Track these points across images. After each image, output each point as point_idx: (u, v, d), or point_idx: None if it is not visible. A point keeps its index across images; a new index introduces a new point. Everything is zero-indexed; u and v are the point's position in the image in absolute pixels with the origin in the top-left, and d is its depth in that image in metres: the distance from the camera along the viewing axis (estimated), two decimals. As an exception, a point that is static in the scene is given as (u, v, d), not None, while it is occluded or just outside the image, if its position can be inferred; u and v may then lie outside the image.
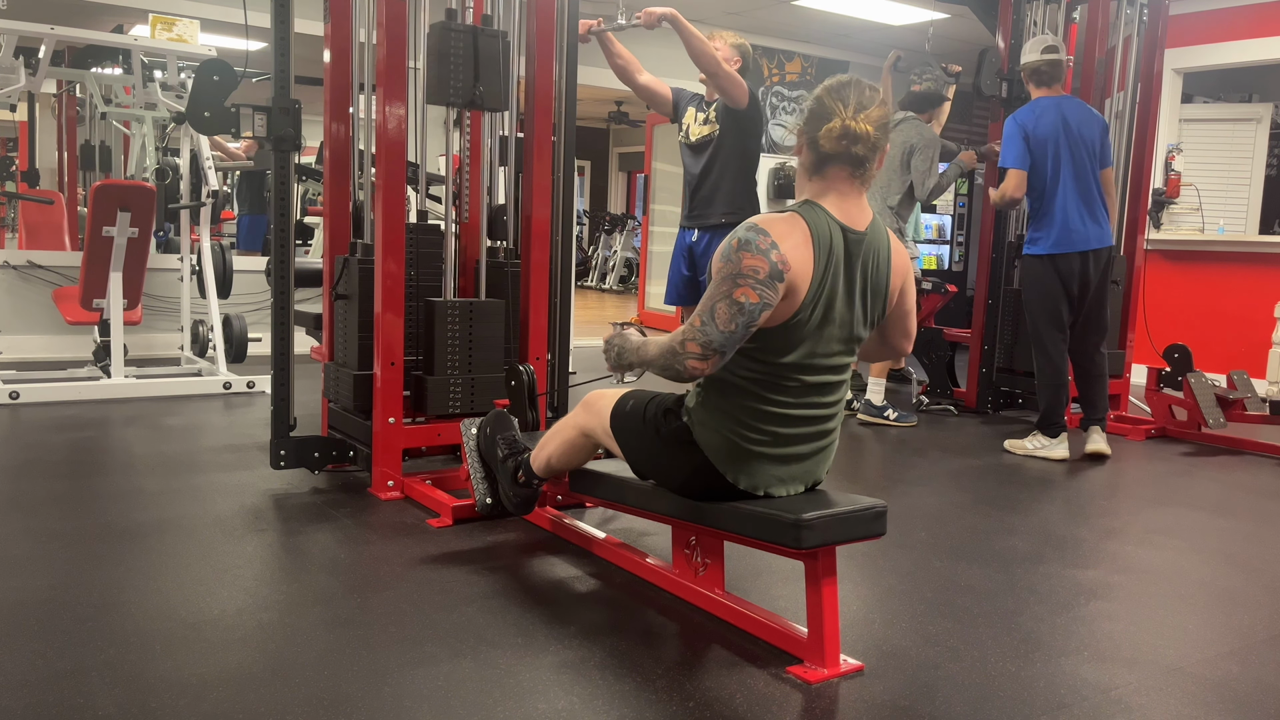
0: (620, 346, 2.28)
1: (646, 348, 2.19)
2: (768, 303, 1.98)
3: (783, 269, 1.98)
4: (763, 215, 2.07)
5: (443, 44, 3.21)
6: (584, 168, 15.86)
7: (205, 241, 5.37)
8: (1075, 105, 4.41)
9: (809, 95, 2.14)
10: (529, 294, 3.55)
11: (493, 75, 3.28)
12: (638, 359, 2.22)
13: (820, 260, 2.03)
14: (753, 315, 1.98)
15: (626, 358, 2.26)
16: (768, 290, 1.97)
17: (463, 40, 3.23)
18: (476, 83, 3.24)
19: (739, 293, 1.97)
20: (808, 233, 2.03)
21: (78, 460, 3.72)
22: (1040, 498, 3.75)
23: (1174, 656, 2.29)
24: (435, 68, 3.22)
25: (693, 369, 2.03)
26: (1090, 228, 4.29)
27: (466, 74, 3.24)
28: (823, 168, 2.09)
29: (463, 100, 3.27)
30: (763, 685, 2.04)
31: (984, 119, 8.04)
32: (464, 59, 3.23)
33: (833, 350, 2.12)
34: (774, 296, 1.98)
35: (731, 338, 2.00)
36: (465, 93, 3.26)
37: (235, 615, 2.30)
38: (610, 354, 2.31)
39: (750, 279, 1.96)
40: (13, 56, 4.98)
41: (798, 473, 2.19)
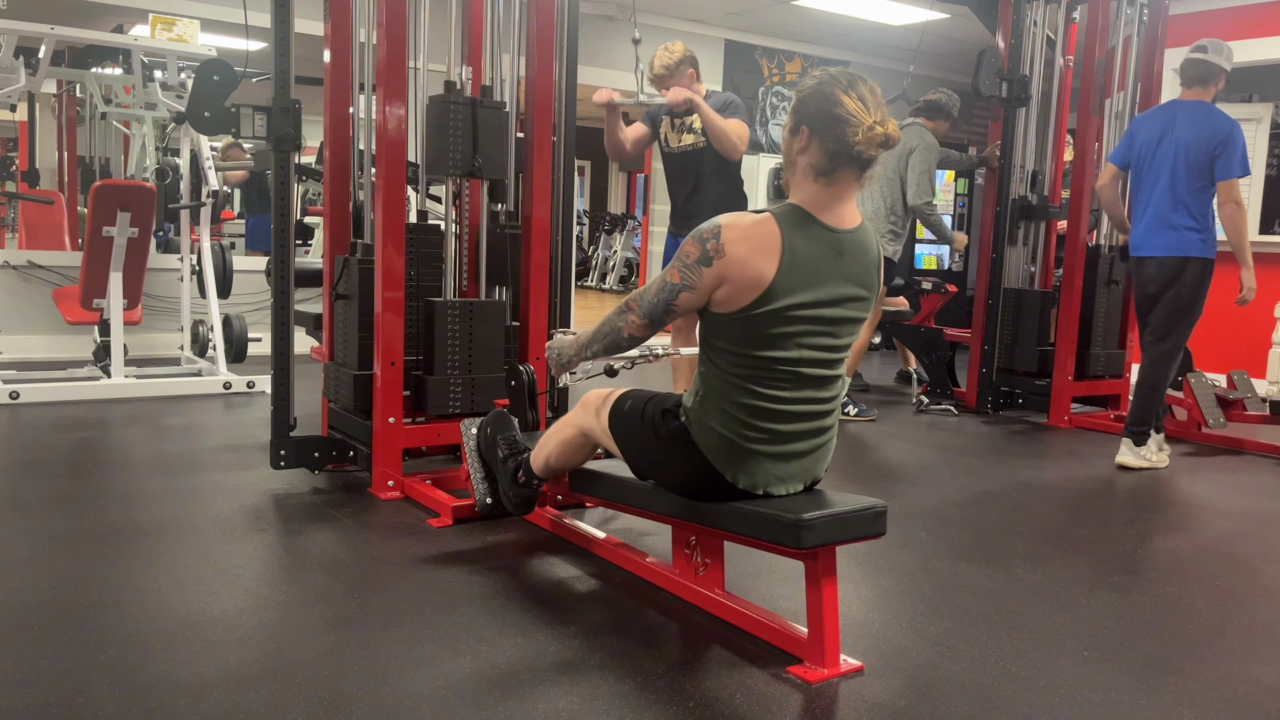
0: (558, 349, 2.45)
1: (581, 335, 2.37)
2: (688, 285, 2.08)
3: (712, 255, 2.04)
4: (734, 213, 2.11)
5: (441, 117, 3.24)
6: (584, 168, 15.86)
7: (205, 241, 5.37)
8: (1191, 111, 4.16)
9: (803, 90, 2.11)
10: (529, 294, 3.55)
11: (492, 146, 3.33)
12: (575, 349, 2.39)
13: (788, 254, 2.04)
14: (673, 293, 2.12)
15: (566, 354, 2.42)
16: (690, 274, 2.08)
17: (462, 114, 3.26)
18: (475, 154, 3.28)
19: (670, 273, 2.12)
20: (777, 234, 2.04)
21: (78, 460, 3.72)
22: (1040, 498, 3.75)
23: (1174, 656, 2.29)
24: (434, 140, 3.25)
25: (632, 323, 2.21)
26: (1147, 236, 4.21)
27: (465, 146, 3.28)
28: (834, 171, 2.07)
29: (461, 172, 3.31)
30: (763, 685, 2.04)
31: (984, 119, 8.05)
32: (463, 131, 3.27)
33: (824, 344, 2.13)
34: (695, 280, 2.07)
35: (653, 309, 2.17)
36: (464, 164, 3.30)
37: (235, 615, 2.30)
38: (551, 359, 2.47)
39: (681, 262, 2.10)
40: (13, 56, 4.98)
41: (796, 470, 2.19)
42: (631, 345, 2.29)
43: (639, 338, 2.25)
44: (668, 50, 4.09)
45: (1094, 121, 5.23)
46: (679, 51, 4.08)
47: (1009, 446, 4.69)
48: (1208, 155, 4.08)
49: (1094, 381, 5.35)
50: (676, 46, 4.10)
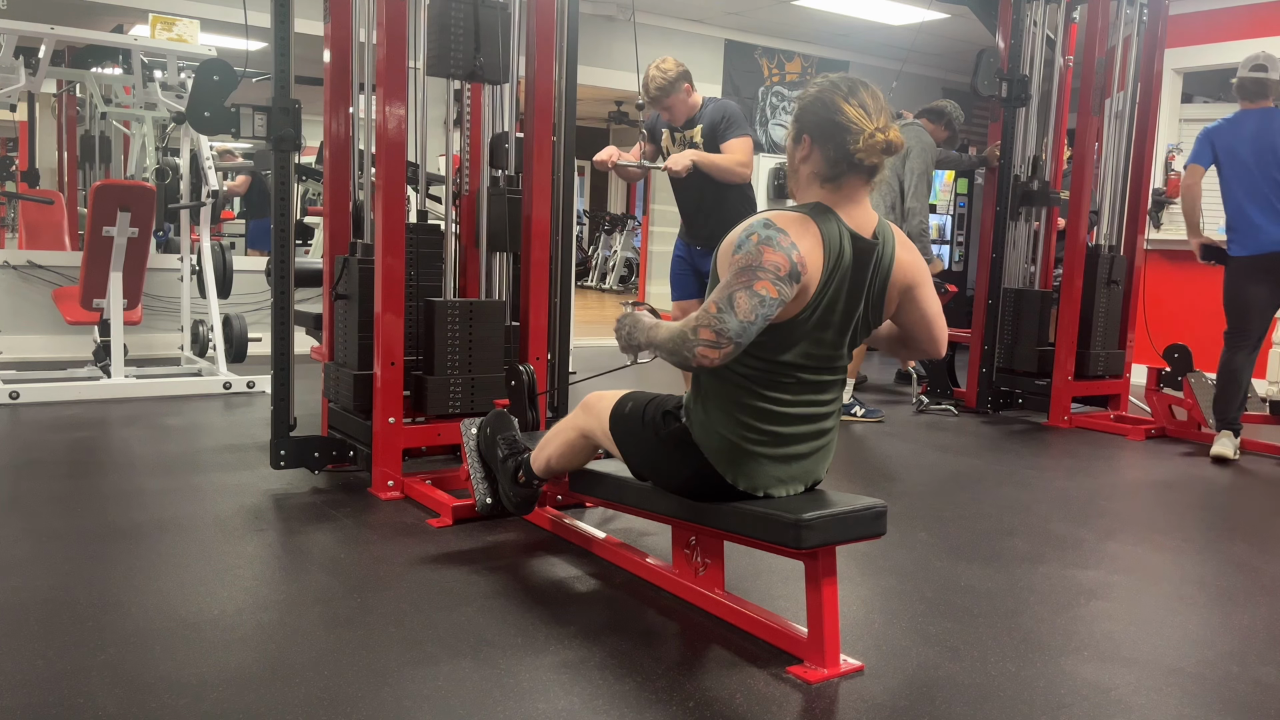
0: (631, 327, 2.22)
1: (657, 330, 2.13)
2: (784, 300, 1.96)
3: (801, 270, 1.97)
4: (776, 212, 2.05)
5: (443, 15, 3.21)
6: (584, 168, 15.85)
7: (205, 241, 5.37)
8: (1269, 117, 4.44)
9: (804, 97, 2.09)
10: (529, 294, 3.55)
11: (493, 47, 3.28)
12: (647, 340, 2.16)
13: (828, 265, 2.02)
14: (771, 310, 1.95)
15: (636, 338, 2.20)
16: (786, 288, 1.95)
17: (464, 12, 3.23)
18: (477, 54, 3.25)
19: (760, 285, 1.93)
20: (819, 237, 2.02)
21: (78, 460, 3.72)
22: (1040, 498, 3.75)
23: (1174, 656, 2.29)
24: (436, 39, 3.22)
25: (702, 356, 1.96)
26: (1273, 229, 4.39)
27: (467, 46, 3.24)
28: (839, 178, 2.05)
29: (463, 72, 3.28)
30: (763, 685, 2.04)
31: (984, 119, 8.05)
32: (465, 31, 3.23)
33: (830, 350, 2.12)
34: (790, 295, 1.97)
35: (749, 329, 1.95)
36: (466, 64, 3.26)
37: (235, 615, 2.30)
38: (621, 334, 2.25)
39: (771, 274, 1.93)
40: (13, 56, 4.98)
41: (797, 473, 2.19)
42: (700, 370, 2.07)
43: (713, 366, 1.99)
44: (660, 70, 4.01)
45: (1094, 121, 5.23)
46: (672, 69, 4.02)
47: (1009, 446, 4.69)
48: None
49: (1094, 381, 5.34)
50: (669, 63, 4.04)
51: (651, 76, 4.03)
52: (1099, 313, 5.29)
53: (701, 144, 4.12)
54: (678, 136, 4.20)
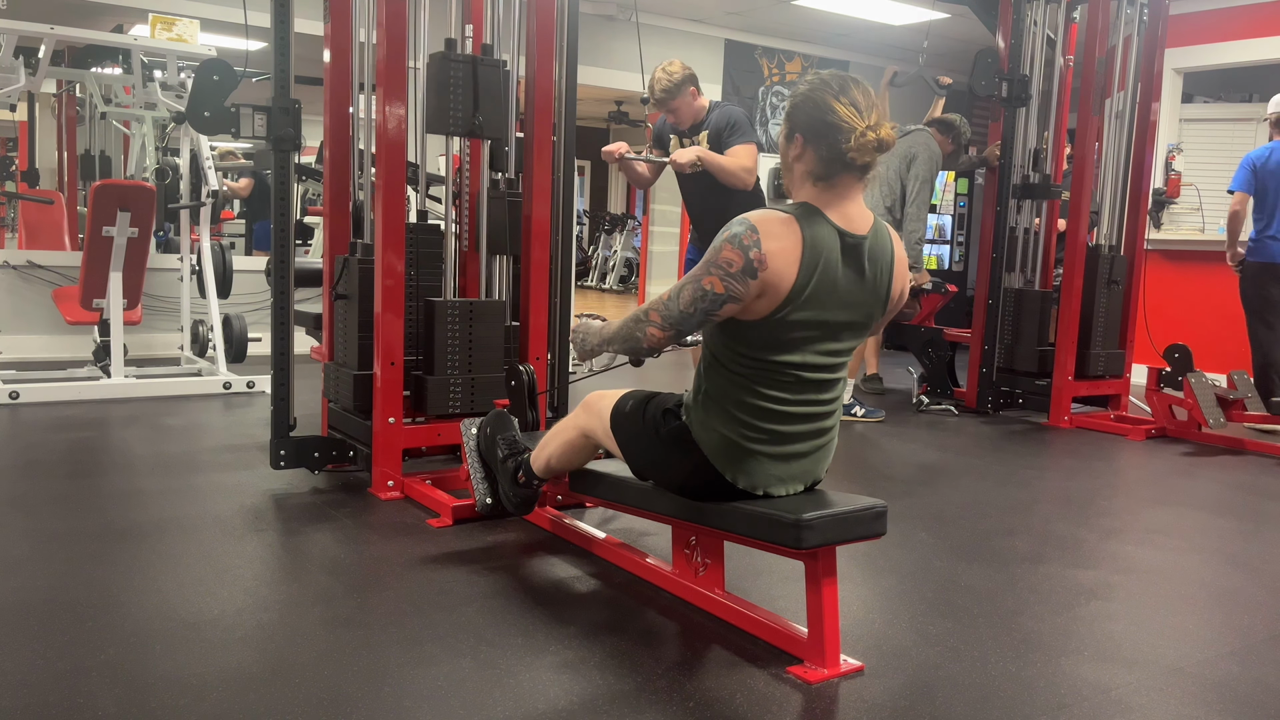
0: (584, 334, 2.40)
1: (608, 327, 2.31)
2: (733, 295, 2.01)
3: (758, 267, 1.99)
4: (763, 211, 2.06)
5: (442, 74, 3.23)
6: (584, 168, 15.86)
7: (205, 241, 5.37)
8: None
9: (795, 96, 2.09)
10: (529, 294, 3.55)
11: (492, 105, 3.30)
12: (599, 339, 2.34)
13: (809, 264, 2.02)
14: (715, 304, 2.03)
15: (590, 342, 2.38)
16: (735, 284, 2.00)
17: (462, 70, 3.25)
18: (476, 112, 3.26)
19: (707, 280, 2.02)
20: (800, 236, 2.02)
21: (78, 460, 3.72)
22: (1040, 498, 3.75)
23: (1174, 656, 2.29)
24: (434, 98, 3.24)
25: (651, 336, 2.14)
26: None
27: (466, 104, 3.26)
28: (832, 176, 2.05)
29: (462, 130, 3.30)
30: (763, 685, 2.04)
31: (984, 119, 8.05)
32: (463, 89, 3.25)
33: (829, 349, 2.12)
34: (741, 291, 2.00)
35: (687, 319, 2.08)
36: (464, 122, 3.28)
37: (235, 615, 2.30)
38: (575, 342, 2.43)
39: (722, 270, 2.01)
40: (13, 56, 4.98)
41: (797, 471, 2.19)
42: (650, 354, 2.24)
43: (659, 349, 2.19)
44: (666, 72, 4.04)
45: (1094, 121, 5.23)
46: (678, 72, 4.04)
47: (1009, 446, 4.69)
48: None
49: (1094, 381, 5.35)
50: (675, 66, 4.06)
51: (657, 79, 4.04)
52: (1099, 313, 5.30)
53: (707, 148, 4.12)
54: (685, 143, 4.21)
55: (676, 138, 4.25)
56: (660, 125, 4.32)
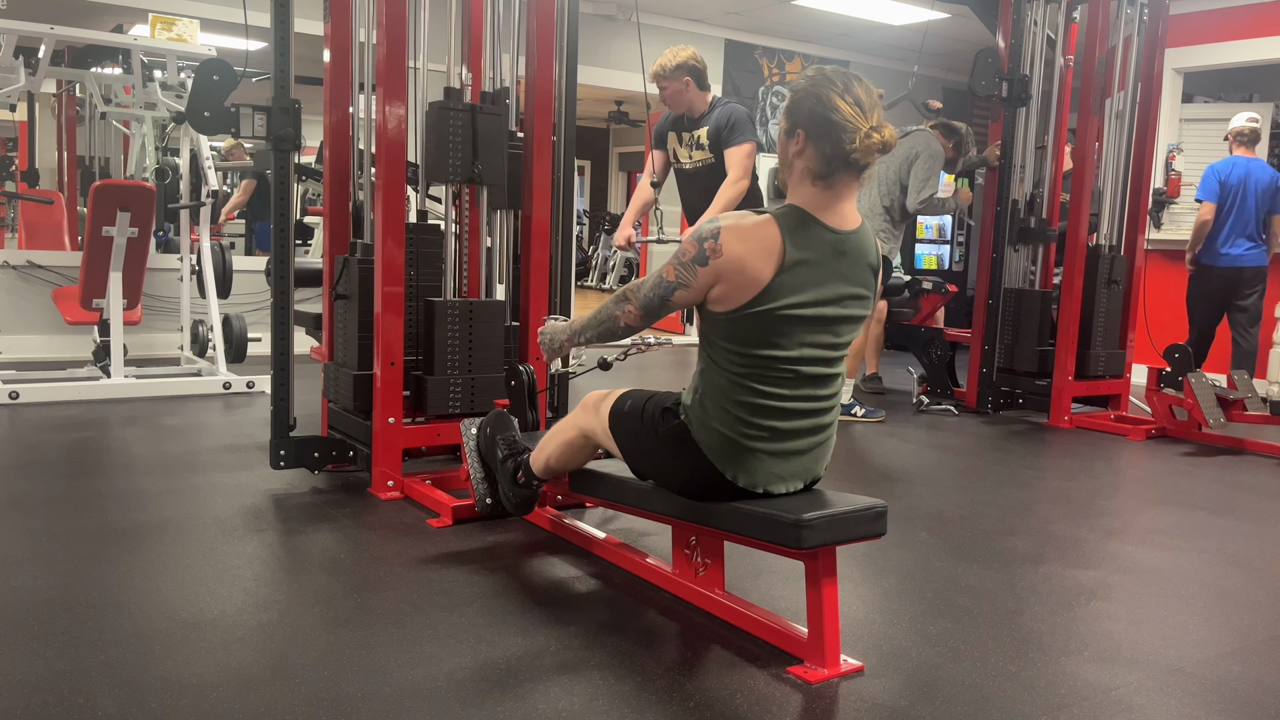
0: (550, 334, 2.47)
1: (575, 323, 2.38)
2: (682, 283, 2.09)
3: (709, 255, 2.04)
4: (735, 213, 2.10)
5: (441, 124, 3.23)
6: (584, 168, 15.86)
7: (205, 241, 5.37)
8: (1258, 165, 5.75)
9: (796, 90, 2.08)
10: (529, 294, 3.55)
11: (491, 153, 3.32)
12: (569, 337, 2.40)
13: (791, 260, 2.03)
14: (668, 290, 2.13)
15: (558, 340, 2.44)
16: (685, 272, 2.08)
17: (461, 120, 3.26)
18: (475, 161, 3.27)
19: (667, 270, 2.13)
20: (774, 229, 2.03)
21: (78, 460, 3.72)
22: (1040, 498, 3.75)
23: (1174, 656, 2.29)
24: (433, 148, 3.25)
25: (629, 313, 2.23)
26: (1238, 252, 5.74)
27: (465, 153, 3.28)
28: (831, 175, 2.05)
29: (461, 178, 3.31)
30: (763, 685, 2.04)
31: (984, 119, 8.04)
32: (463, 139, 3.26)
33: (822, 343, 2.12)
34: (690, 279, 2.07)
35: (650, 303, 2.18)
36: (464, 171, 3.29)
37: (235, 615, 2.30)
38: (544, 345, 2.50)
39: (678, 259, 2.10)
40: (13, 56, 4.98)
41: (796, 469, 2.19)
42: (627, 334, 2.30)
43: (635, 328, 2.26)
44: (673, 54, 4.12)
45: (1094, 121, 5.23)
46: (682, 57, 4.08)
47: (1009, 446, 4.69)
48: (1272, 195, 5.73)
49: (1094, 381, 5.35)
50: (684, 52, 4.10)
51: (663, 55, 4.11)
52: (1099, 313, 5.30)
53: (707, 145, 4.13)
54: (685, 137, 4.21)
55: (675, 135, 4.25)
56: (660, 123, 4.32)
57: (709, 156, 4.15)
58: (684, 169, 4.25)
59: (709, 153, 4.13)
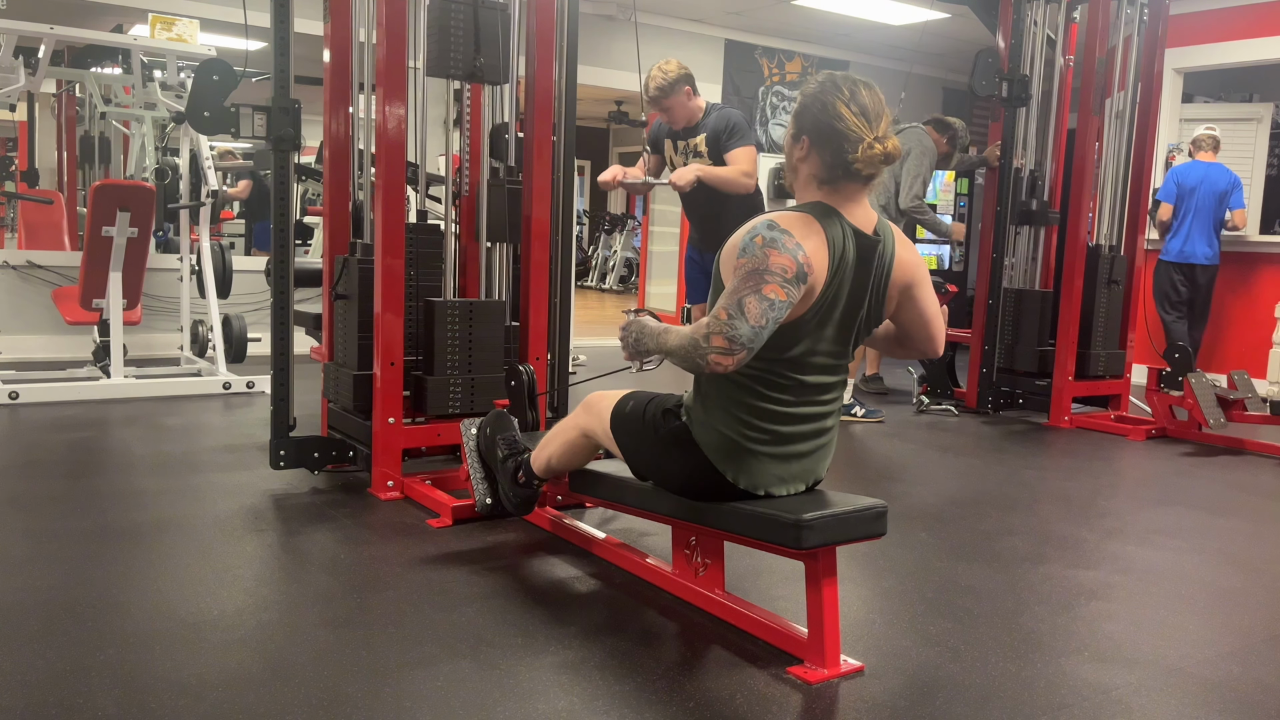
0: (639, 333, 2.19)
1: (666, 336, 2.09)
2: (792, 302, 1.95)
3: (807, 271, 1.96)
4: (779, 214, 2.03)
5: (443, 17, 3.22)
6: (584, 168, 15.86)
7: (205, 241, 5.37)
8: (1216, 169, 6.23)
9: (805, 94, 2.07)
10: (529, 294, 3.55)
11: (493, 48, 3.29)
12: (656, 346, 2.13)
13: (833, 265, 2.02)
14: (780, 313, 1.94)
15: (645, 344, 2.17)
16: (794, 290, 1.94)
17: (463, 13, 3.24)
18: (477, 55, 3.25)
19: (768, 289, 1.92)
20: (823, 236, 2.01)
21: (78, 460, 3.72)
22: (1040, 498, 3.75)
23: (1174, 656, 2.29)
24: (436, 41, 3.23)
25: (715, 363, 1.94)
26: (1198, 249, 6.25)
27: (467, 47, 3.25)
28: (835, 181, 2.04)
29: (463, 73, 3.28)
30: (763, 685, 2.04)
31: (984, 119, 8.04)
32: (465, 32, 3.24)
33: (831, 349, 2.12)
34: (797, 296, 1.95)
35: (761, 333, 1.93)
36: (466, 65, 3.26)
37: (235, 615, 2.30)
38: (628, 340, 2.22)
39: (779, 277, 1.92)
40: (13, 56, 4.98)
41: (797, 471, 2.19)
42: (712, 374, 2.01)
43: (726, 371, 1.97)
44: (662, 70, 4.00)
45: (1094, 121, 5.23)
46: (673, 71, 4.00)
47: (1009, 446, 4.69)
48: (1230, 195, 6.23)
49: (1094, 381, 5.34)
50: (671, 65, 4.02)
51: (652, 77, 4.03)
52: (1099, 313, 5.29)
53: (705, 152, 4.11)
54: (680, 145, 4.19)
55: (671, 142, 4.23)
56: (655, 131, 4.31)
57: (706, 162, 4.13)
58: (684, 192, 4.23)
59: (708, 159, 4.12)
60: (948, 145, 5.51)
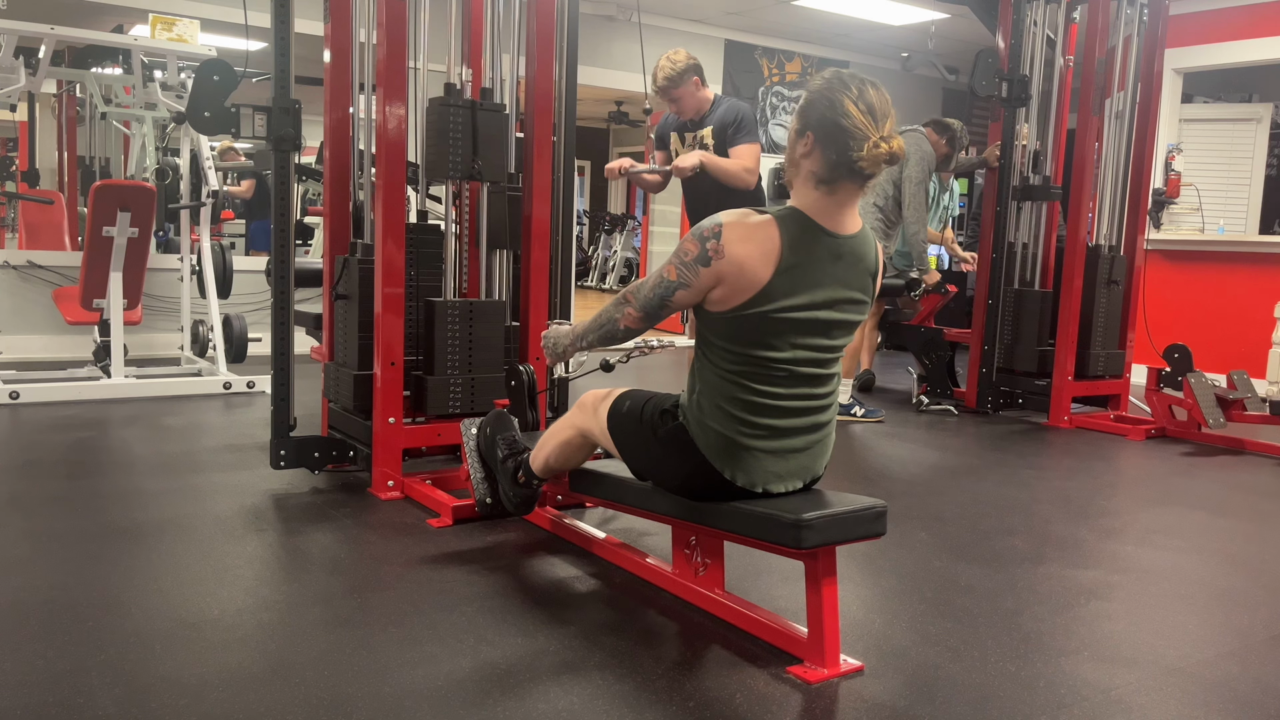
0: (553, 339, 2.47)
1: (578, 326, 2.37)
2: (683, 283, 2.08)
3: (711, 256, 2.03)
4: (738, 211, 2.08)
5: (441, 121, 3.24)
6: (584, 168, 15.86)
7: (205, 241, 5.37)
8: None
9: (811, 90, 2.07)
10: (529, 294, 3.55)
11: (491, 149, 3.33)
12: (571, 339, 2.40)
13: (788, 263, 2.03)
14: (669, 290, 2.11)
15: (562, 344, 2.44)
16: (687, 272, 2.07)
17: (461, 117, 3.26)
18: (475, 157, 3.27)
19: (667, 269, 2.12)
20: (774, 231, 2.03)
21: (78, 460, 3.72)
22: (1040, 498, 3.75)
23: (1174, 656, 2.29)
24: (434, 145, 3.25)
25: (629, 315, 2.22)
26: None
27: (465, 149, 3.28)
28: (835, 181, 2.04)
29: (461, 175, 3.31)
30: (763, 685, 2.04)
31: (984, 119, 8.04)
32: (463, 135, 3.27)
33: (820, 343, 2.13)
34: (692, 279, 2.07)
35: (649, 304, 2.17)
36: (464, 167, 3.29)
37: (235, 615, 2.30)
38: (547, 348, 2.49)
39: (678, 259, 2.09)
40: (13, 56, 4.98)
41: (795, 468, 2.19)
42: (627, 338, 2.29)
43: (635, 330, 2.24)
44: (671, 60, 4.04)
45: (1094, 121, 5.23)
46: (682, 60, 4.03)
47: (1009, 446, 4.69)
48: None
49: (1094, 381, 5.35)
50: (679, 55, 4.05)
51: (660, 66, 4.05)
52: (1099, 313, 5.30)
53: (711, 145, 4.12)
54: (687, 138, 4.20)
55: (677, 134, 4.24)
56: (662, 124, 4.32)
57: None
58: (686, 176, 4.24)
59: (714, 153, 4.12)
60: (947, 147, 5.52)
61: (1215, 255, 6.78)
